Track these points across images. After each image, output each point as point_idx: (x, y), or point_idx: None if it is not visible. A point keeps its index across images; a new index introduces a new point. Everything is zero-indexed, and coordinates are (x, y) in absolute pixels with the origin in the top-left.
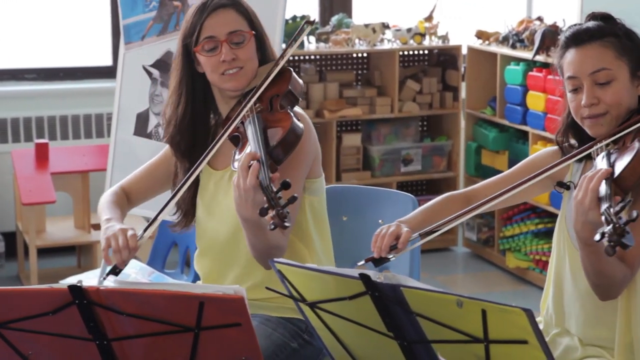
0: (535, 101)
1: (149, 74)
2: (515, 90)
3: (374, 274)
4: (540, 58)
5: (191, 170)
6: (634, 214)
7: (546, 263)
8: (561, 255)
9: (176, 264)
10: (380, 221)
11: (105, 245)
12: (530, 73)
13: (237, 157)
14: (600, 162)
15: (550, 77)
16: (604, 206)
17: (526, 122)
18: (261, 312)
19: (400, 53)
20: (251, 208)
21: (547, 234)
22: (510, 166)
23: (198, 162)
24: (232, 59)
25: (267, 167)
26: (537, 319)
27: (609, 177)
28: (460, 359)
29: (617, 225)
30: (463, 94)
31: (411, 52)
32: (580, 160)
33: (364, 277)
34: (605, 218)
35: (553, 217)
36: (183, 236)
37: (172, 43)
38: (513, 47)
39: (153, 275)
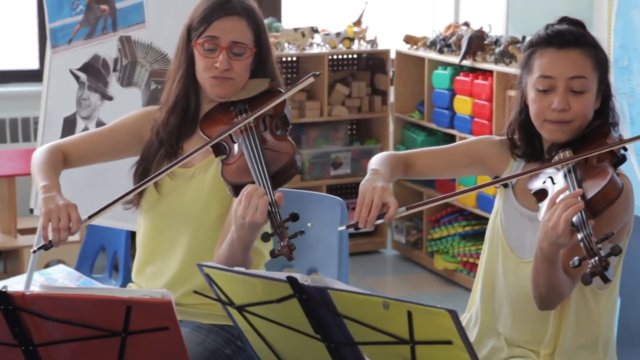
0: (462, 105)
1: (76, 77)
2: (443, 95)
3: (301, 277)
4: (467, 62)
5: (165, 168)
6: (617, 248)
7: (474, 265)
8: (493, 256)
9: (104, 268)
10: (308, 224)
11: (44, 220)
12: (458, 77)
13: (227, 167)
14: (562, 178)
15: (477, 81)
16: (582, 234)
17: (453, 126)
18: (193, 319)
19: (330, 57)
20: (250, 233)
21: (475, 236)
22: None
23: (173, 163)
24: (226, 69)
25: (275, 203)
26: (462, 316)
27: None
28: None
29: (601, 258)
30: (392, 97)
31: (340, 56)
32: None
33: (292, 280)
34: (586, 247)
35: (480, 219)
36: (111, 240)
37: (99, 47)
38: (440, 51)
39: (81, 280)
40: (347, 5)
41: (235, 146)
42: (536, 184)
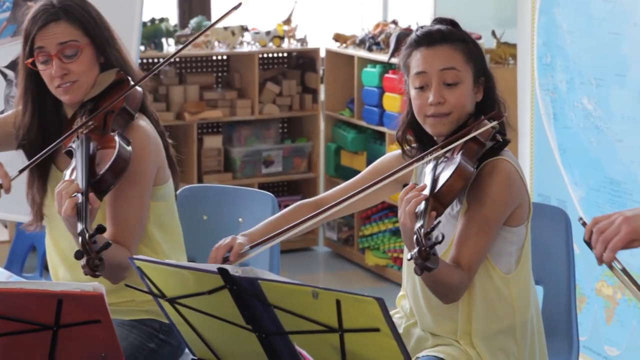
0: (392, 102)
1: (4, 75)
2: (373, 92)
3: (232, 269)
4: (395, 60)
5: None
6: (440, 236)
7: None
8: None
9: (35, 267)
10: (240, 219)
11: None
12: (387, 75)
13: (65, 176)
14: (429, 172)
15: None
16: (417, 225)
17: (383, 123)
18: (114, 317)
19: (260, 56)
20: (72, 229)
21: None
22: (368, 166)
23: (27, 165)
24: (64, 75)
25: (86, 203)
26: (394, 311)
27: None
28: (317, 349)
29: (422, 249)
30: (322, 96)
31: (270, 55)
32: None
33: (223, 272)
34: (416, 238)
35: None
36: (41, 239)
37: None
38: (369, 49)
39: (11, 279)
40: (276, 4)
41: (76, 153)
42: (421, 183)
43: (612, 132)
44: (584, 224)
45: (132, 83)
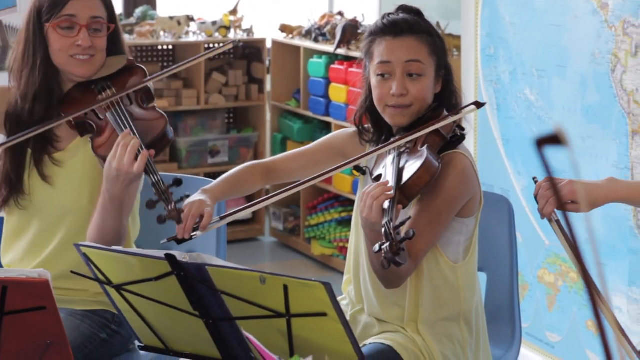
0: (338, 93)
1: None
2: (319, 83)
3: (179, 254)
4: (341, 51)
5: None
6: (410, 232)
7: None
8: (358, 240)
9: None
10: None
11: None
12: (333, 66)
13: (99, 143)
14: (390, 163)
15: (351, 69)
16: (385, 219)
17: (329, 114)
18: (66, 307)
19: (206, 46)
20: (124, 189)
21: (351, 222)
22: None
23: (19, 135)
24: (89, 46)
25: (153, 162)
26: (340, 297)
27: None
28: (264, 334)
29: (393, 244)
30: (268, 86)
31: (216, 45)
32: (368, 143)
33: (170, 258)
34: (385, 232)
35: None
36: None
37: None
38: (316, 40)
39: None
40: None
41: (103, 123)
42: (377, 171)
43: (553, 122)
44: (536, 181)
45: (144, 70)
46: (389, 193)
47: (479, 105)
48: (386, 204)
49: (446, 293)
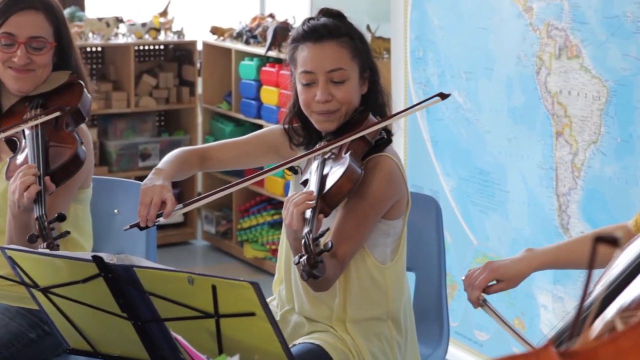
0: (269, 95)
1: None
2: (250, 85)
3: (106, 256)
4: (272, 54)
5: None
6: (329, 244)
7: None
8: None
9: None
10: (115, 211)
11: None
12: (264, 68)
13: (16, 163)
14: (315, 170)
15: (282, 72)
16: (306, 229)
17: (261, 116)
18: (1, 302)
19: (136, 48)
20: (24, 216)
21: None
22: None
23: None
24: (25, 64)
25: (44, 194)
26: (270, 298)
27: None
28: (193, 335)
29: (310, 257)
30: (199, 88)
31: (147, 47)
32: (298, 147)
33: (97, 260)
34: (304, 244)
35: None
36: None
37: None
38: (247, 43)
39: None
40: None
41: (24, 143)
42: (304, 176)
43: (481, 123)
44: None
45: (83, 86)
46: (311, 202)
47: (443, 96)
48: (308, 213)
49: (374, 293)
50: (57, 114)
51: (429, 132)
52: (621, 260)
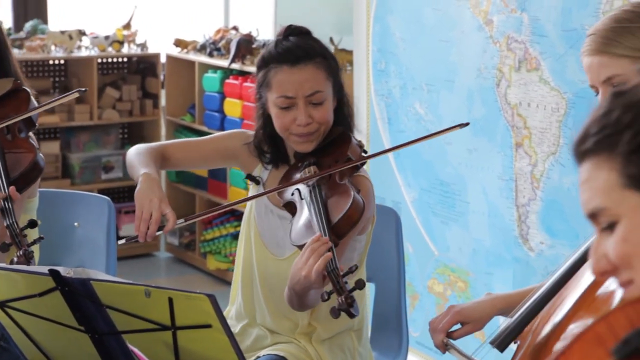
0: (232, 108)
1: None
2: (214, 97)
3: (63, 270)
4: (236, 66)
5: None
6: (361, 282)
7: None
8: (248, 250)
9: None
10: (75, 224)
11: None
12: (227, 80)
13: None
14: (310, 197)
15: (246, 84)
16: (330, 269)
17: (224, 128)
18: None
19: (99, 60)
20: None
21: None
22: (210, 171)
23: None
24: None
25: (10, 202)
26: (225, 310)
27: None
28: (150, 348)
29: (347, 297)
30: (163, 101)
31: (110, 60)
32: (270, 163)
33: (54, 273)
34: (333, 283)
35: None
36: None
37: None
38: (210, 55)
39: None
40: (115, 8)
41: None
42: (286, 196)
43: (442, 135)
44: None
45: (29, 93)
46: (329, 255)
47: (462, 125)
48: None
49: None
50: (13, 120)
51: (391, 143)
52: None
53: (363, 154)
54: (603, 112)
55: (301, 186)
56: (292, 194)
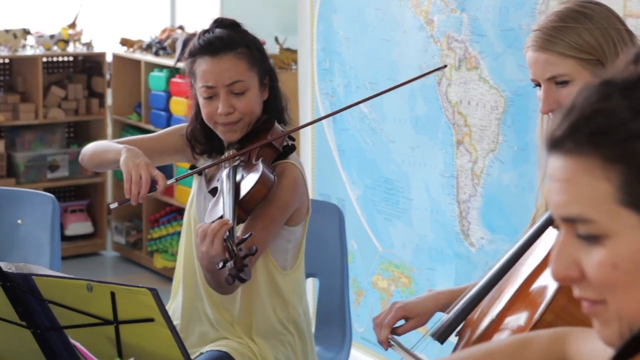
0: (179, 106)
1: None
2: (160, 96)
3: (5, 265)
4: (182, 65)
5: None
6: (254, 248)
7: None
8: (190, 242)
9: None
10: (19, 221)
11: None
12: (173, 79)
13: None
14: (226, 178)
15: None
16: (226, 237)
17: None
18: None
19: (44, 59)
20: None
21: None
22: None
23: None
24: None
25: None
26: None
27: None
28: (93, 342)
29: (237, 261)
30: (109, 100)
31: (55, 59)
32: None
33: None
34: (228, 249)
35: None
36: None
37: None
38: (156, 54)
39: None
40: (61, 7)
41: None
42: (212, 183)
43: (385, 133)
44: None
45: None
46: (229, 225)
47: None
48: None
49: (277, 299)
50: None
51: (336, 141)
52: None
53: (289, 141)
54: (602, 106)
55: (223, 172)
56: (217, 180)
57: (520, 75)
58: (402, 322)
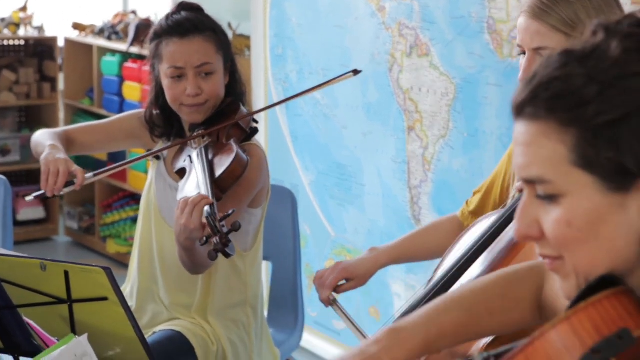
0: (131, 91)
1: None
2: (112, 81)
3: None
4: (134, 50)
5: None
6: (237, 224)
7: None
8: (147, 225)
9: None
10: None
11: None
12: (126, 64)
13: None
14: (197, 159)
15: (145, 67)
16: (208, 214)
17: (123, 112)
18: None
19: None
20: None
21: None
22: (109, 155)
23: None
24: None
25: None
26: (122, 286)
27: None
28: (47, 321)
29: (222, 236)
30: (61, 84)
31: (6, 42)
32: (160, 138)
33: None
34: (210, 226)
35: None
36: None
37: None
38: (109, 39)
39: None
40: None
41: None
42: (179, 164)
43: (338, 119)
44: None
45: None
46: (209, 200)
47: (356, 72)
48: (206, 208)
49: (235, 280)
50: None
51: (289, 127)
52: (460, 246)
53: (253, 123)
54: (560, 74)
55: (192, 152)
56: (184, 161)
57: (470, 62)
58: (343, 281)
